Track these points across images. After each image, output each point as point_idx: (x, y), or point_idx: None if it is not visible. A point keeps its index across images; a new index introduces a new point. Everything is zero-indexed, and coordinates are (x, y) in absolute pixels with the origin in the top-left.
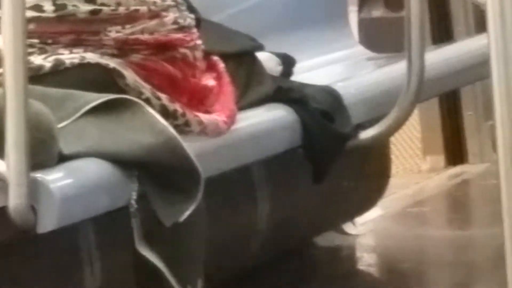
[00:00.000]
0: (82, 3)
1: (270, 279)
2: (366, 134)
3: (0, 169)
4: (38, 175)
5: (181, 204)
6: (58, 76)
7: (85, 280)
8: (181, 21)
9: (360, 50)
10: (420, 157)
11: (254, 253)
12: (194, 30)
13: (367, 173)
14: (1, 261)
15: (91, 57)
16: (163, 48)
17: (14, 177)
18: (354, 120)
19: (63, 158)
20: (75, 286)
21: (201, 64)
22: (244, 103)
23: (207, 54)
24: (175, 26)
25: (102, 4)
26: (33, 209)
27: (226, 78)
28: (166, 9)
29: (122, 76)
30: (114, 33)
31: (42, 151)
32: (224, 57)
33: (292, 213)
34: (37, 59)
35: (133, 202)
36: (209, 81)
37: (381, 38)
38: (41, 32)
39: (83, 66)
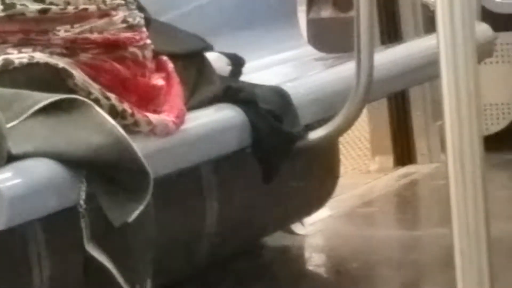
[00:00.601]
0: (31, 2)
1: (219, 280)
2: (315, 135)
3: None
4: None
5: (130, 205)
6: (7, 76)
7: (34, 280)
8: (130, 20)
9: (309, 50)
10: (369, 157)
11: (203, 253)
12: (144, 29)
13: (316, 174)
14: None
15: (40, 56)
16: (113, 47)
17: None
18: (303, 120)
19: (11, 158)
20: (24, 286)
21: (151, 64)
22: (193, 103)
23: (156, 54)
24: (124, 25)
25: (51, 3)
26: None
27: (175, 78)
28: (116, 8)
29: (71, 76)
30: (63, 32)
31: None
32: (173, 57)
33: (241, 214)
34: None
35: (81, 202)
36: (158, 81)
37: (330, 38)
38: None
39: (32, 66)
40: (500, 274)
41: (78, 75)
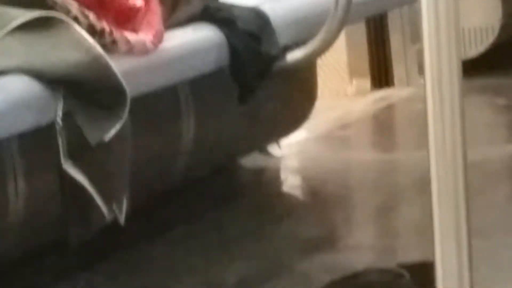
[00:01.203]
0: None
1: (194, 200)
2: (292, 56)
3: None
4: None
5: (107, 123)
6: None
7: (9, 197)
8: None
9: None
10: (346, 81)
11: (179, 172)
12: None
13: (293, 95)
14: None
15: None
16: None
17: None
18: (281, 41)
19: None
20: None
21: None
22: (172, 23)
23: None
24: None
25: None
26: None
27: None
28: None
29: None
30: None
31: None
32: None
33: (217, 134)
34: None
35: (58, 120)
36: (137, 0)
37: None
38: None
39: None
40: (476, 198)
41: None
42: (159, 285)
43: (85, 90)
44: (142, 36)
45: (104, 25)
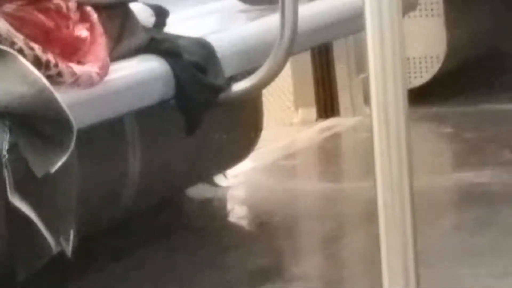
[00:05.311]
0: None
1: (140, 231)
2: (238, 87)
3: None
4: None
5: (53, 155)
6: None
7: None
8: None
9: (233, 2)
10: (292, 110)
11: (125, 205)
12: None
13: (239, 126)
14: None
15: None
16: None
17: None
18: (227, 72)
19: None
20: None
21: (74, 15)
22: (117, 54)
23: (80, 5)
24: None
25: None
26: None
27: (99, 29)
28: None
29: None
30: None
31: None
32: (97, 8)
33: (164, 165)
34: None
35: (4, 152)
36: (82, 32)
37: None
38: None
39: None
40: (423, 227)
41: (2, 25)
42: None
43: (31, 122)
44: (87, 68)
45: (50, 57)
